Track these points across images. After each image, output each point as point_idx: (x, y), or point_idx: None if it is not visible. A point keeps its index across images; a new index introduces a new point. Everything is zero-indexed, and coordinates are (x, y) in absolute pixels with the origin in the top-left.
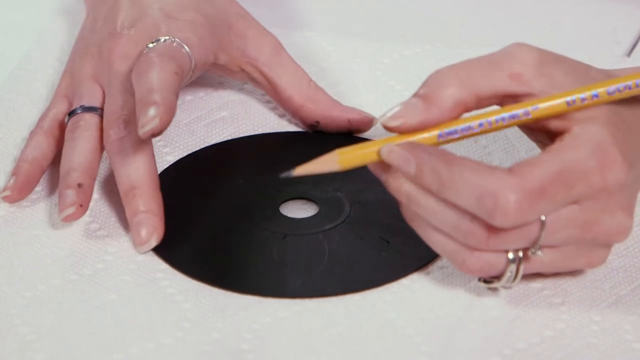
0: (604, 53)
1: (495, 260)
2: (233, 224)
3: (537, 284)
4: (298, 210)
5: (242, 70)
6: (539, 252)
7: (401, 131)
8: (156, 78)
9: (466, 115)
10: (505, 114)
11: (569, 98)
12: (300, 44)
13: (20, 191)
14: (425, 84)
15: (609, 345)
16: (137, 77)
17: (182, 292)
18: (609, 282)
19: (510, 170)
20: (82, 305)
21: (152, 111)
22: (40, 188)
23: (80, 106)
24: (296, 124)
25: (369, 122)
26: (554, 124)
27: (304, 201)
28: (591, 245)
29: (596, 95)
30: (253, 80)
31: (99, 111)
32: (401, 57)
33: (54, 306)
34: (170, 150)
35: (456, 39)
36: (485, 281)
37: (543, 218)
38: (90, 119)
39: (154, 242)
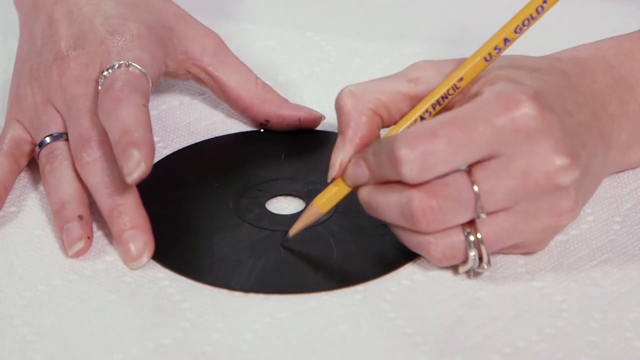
0: None
1: (453, 242)
2: (226, 225)
3: (537, 283)
4: (285, 206)
5: (188, 72)
6: (482, 215)
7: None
8: (127, 116)
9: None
10: (438, 97)
11: (485, 54)
12: (301, 44)
13: None
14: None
15: (609, 344)
16: (105, 115)
17: (182, 293)
18: (609, 280)
19: None
20: (82, 306)
21: (136, 155)
22: (41, 188)
23: (49, 135)
24: (245, 122)
25: (318, 120)
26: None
27: (287, 197)
28: (543, 195)
29: (507, 40)
30: (199, 80)
31: (65, 136)
32: (401, 57)
33: (54, 306)
34: None
35: (456, 39)
36: (460, 267)
37: (476, 189)
38: (64, 146)
39: (145, 258)
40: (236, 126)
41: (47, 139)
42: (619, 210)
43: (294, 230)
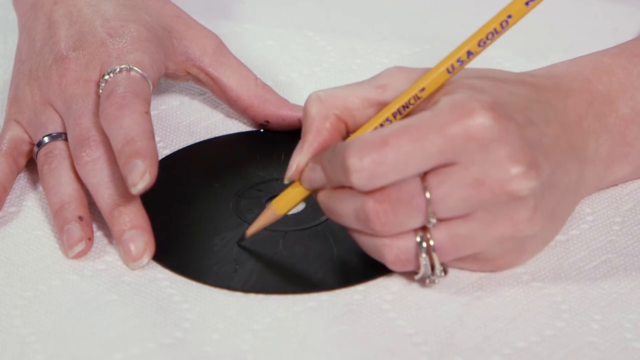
0: None
1: (407, 246)
2: (226, 225)
3: (537, 283)
4: None
5: (188, 73)
6: (433, 220)
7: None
8: (130, 124)
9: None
10: (399, 106)
11: (447, 65)
12: (300, 44)
13: None
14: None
15: (609, 344)
16: (107, 122)
17: (182, 293)
18: (609, 280)
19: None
20: (83, 306)
21: (140, 166)
22: (40, 188)
23: (48, 135)
24: (245, 123)
25: None
26: None
27: None
28: (499, 203)
29: (470, 53)
30: (198, 81)
31: (64, 136)
32: (401, 57)
33: (54, 307)
34: None
35: (456, 39)
36: (416, 274)
37: (428, 195)
38: (63, 146)
39: (146, 259)
40: (236, 126)
41: (46, 139)
42: (619, 210)
43: (251, 230)
